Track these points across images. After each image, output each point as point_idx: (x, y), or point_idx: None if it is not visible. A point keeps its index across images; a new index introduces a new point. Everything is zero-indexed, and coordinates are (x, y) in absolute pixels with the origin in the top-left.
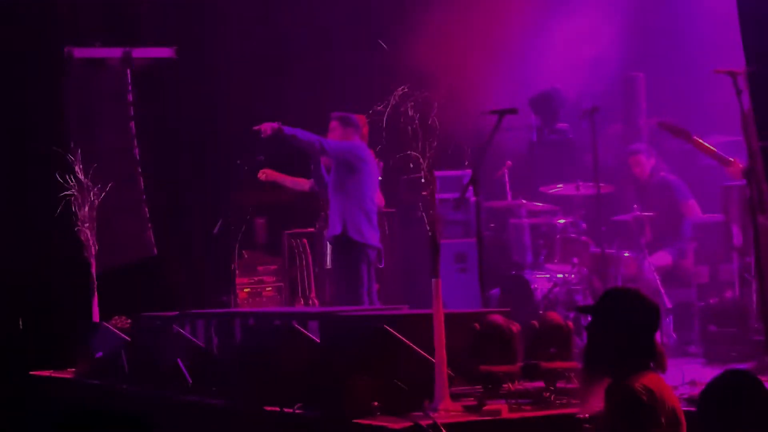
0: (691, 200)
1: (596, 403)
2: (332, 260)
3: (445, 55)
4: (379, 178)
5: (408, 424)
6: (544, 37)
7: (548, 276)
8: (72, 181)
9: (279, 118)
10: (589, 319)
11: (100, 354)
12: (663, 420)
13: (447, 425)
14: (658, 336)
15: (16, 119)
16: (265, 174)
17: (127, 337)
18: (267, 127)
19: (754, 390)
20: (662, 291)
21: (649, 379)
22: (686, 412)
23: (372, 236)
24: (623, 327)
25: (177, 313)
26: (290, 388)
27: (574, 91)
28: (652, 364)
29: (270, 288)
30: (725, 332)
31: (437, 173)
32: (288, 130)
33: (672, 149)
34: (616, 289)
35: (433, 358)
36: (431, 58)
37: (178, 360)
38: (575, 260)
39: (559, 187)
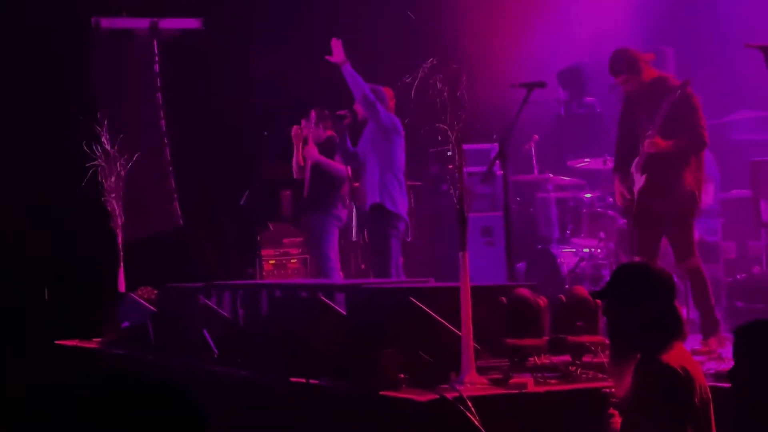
0: (710, 183)
1: (629, 381)
2: (368, 230)
3: (474, 27)
4: None
5: (434, 396)
6: (573, 10)
7: (574, 250)
8: (99, 152)
9: (306, 89)
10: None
11: (126, 324)
12: (696, 400)
13: (473, 398)
14: (684, 311)
15: (44, 89)
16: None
17: (153, 308)
18: (337, 55)
19: None
20: None
21: (680, 356)
22: (713, 388)
23: (404, 208)
24: (642, 305)
25: (203, 284)
26: (316, 360)
27: (602, 65)
28: (675, 334)
29: (295, 260)
30: (753, 308)
31: (465, 146)
32: (351, 69)
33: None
34: (625, 266)
35: (460, 331)
36: (460, 31)
37: (204, 331)
38: (602, 234)
39: (587, 162)
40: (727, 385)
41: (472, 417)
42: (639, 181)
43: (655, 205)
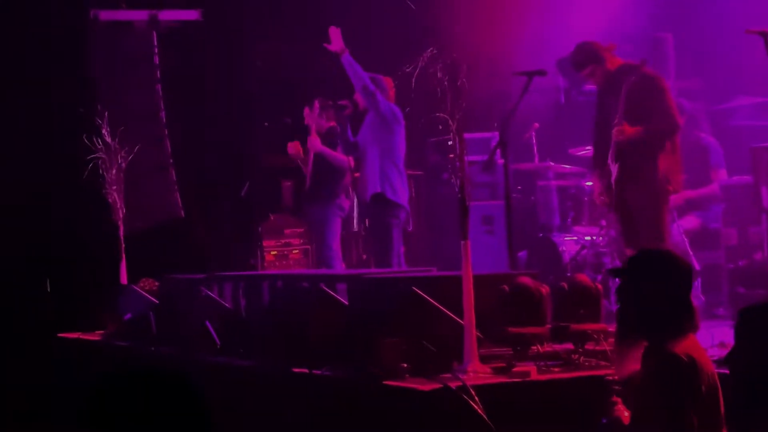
0: (722, 169)
1: (632, 366)
2: (369, 220)
3: (474, 16)
4: None
5: (437, 386)
6: None
7: (576, 238)
8: (99, 144)
9: (304, 80)
10: (618, 282)
11: (128, 316)
12: (703, 388)
13: (476, 387)
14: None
15: (44, 82)
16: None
17: (154, 300)
18: (336, 44)
19: None
20: (691, 253)
21: (688, 345)
22: (721, 375)
23: (404, 197)
24: (659, 290)
25: (205, 275)
26: (319, 350)
27: None
28: (687, 325)
29: (297, 251)
30: (754, 294)
31: (465, 135)
32: (350, 58)
33: (701, 110)
34: (648, 250)
35: (462, 320)
36: (460, 20)
37: (206, 322)
38: (603, 222)
39: (587, 149)
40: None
41: (475, 406)
42: (614, 171)
43: (628, 194)
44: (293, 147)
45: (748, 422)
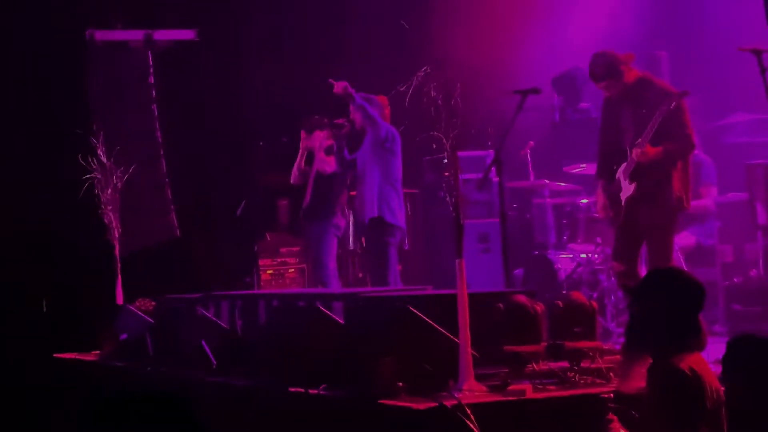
0: (713, 187)
1: (636, 381)
2: (365, 241)
3: (468, 35)
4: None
5: (433, 404)
6: (566, 16)
7: (571, 256)
8: (95, 164)
9: (299, 100)
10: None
11: (124, 336)
12: (708, 403)
13: (472, 405)
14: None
15: (39, 102)
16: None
17: (151, 320)
18: (339, 87)
19: None
20: (686, 270)
21: (693, 361)
22: None
23: (402, 218)
24: (672, 307)
25: (201, 294)
26: (315, 370)
27: None
28: (693, 343)
29: (293, 269)
30: (750, 311)
31: (460, 154)
32: (358, 98)
33: (697, 127)
34: (662, 269)
35: (458, 338)
36: (454, 39)
37: (203, 342)
38: (599, 240)
39: (582, 167)
40: None
41: (471, 424)
42: (627, 188)
43: (643, 214)
44: (303, 133)
45: None
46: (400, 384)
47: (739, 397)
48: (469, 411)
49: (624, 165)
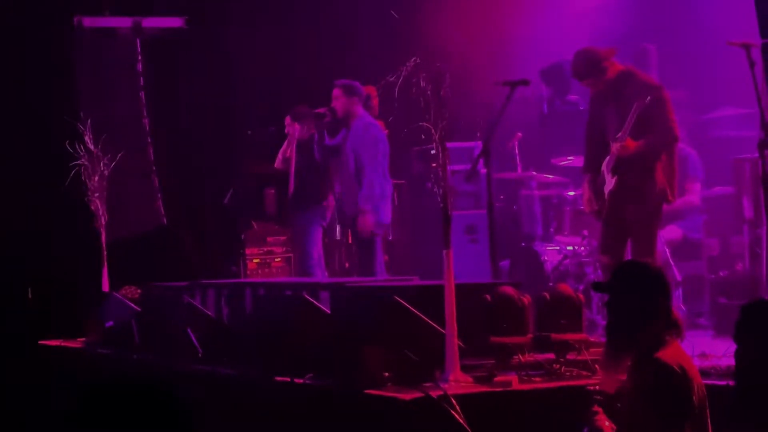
0: (697, 183)
1: (619, 378)
2: (352, 231)
3: (457, 26)
4: None
5: (419, 395)
6: (555, 8)
7: (558, 248)
8: (82, 151)
9: (288, 89)
10: (600, 294)
11: (110, 324)
12: (694, 398)
13: (457, 396)
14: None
15: (26, 89)
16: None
17: (137, 307)
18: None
19: None
20: (672, 264)
21: (676, 354)
22: (708, 386)
23: (387, 214)
24: (641, 298)
25: (187, 283)
26: (301, 359)
27: None
28: (671, 332)
29: (279, 259)
30: (735, 305)
31: (448, 145)
32: (373, 214)
33: (684, 120)
34: (627, 262)
35: (444, 329)
36: (443, 29)
37: (188, 330)
38: (585, 232)
39: (570, 159)
40: (721, 382)
41: (456, 415)
42: (610, 182)
43: (627, 208)
44: (288, 119)
45: (751, 419)
46: (386, 374)
47: (749, 361)
48: (454, 402)
49: (607, 159)
